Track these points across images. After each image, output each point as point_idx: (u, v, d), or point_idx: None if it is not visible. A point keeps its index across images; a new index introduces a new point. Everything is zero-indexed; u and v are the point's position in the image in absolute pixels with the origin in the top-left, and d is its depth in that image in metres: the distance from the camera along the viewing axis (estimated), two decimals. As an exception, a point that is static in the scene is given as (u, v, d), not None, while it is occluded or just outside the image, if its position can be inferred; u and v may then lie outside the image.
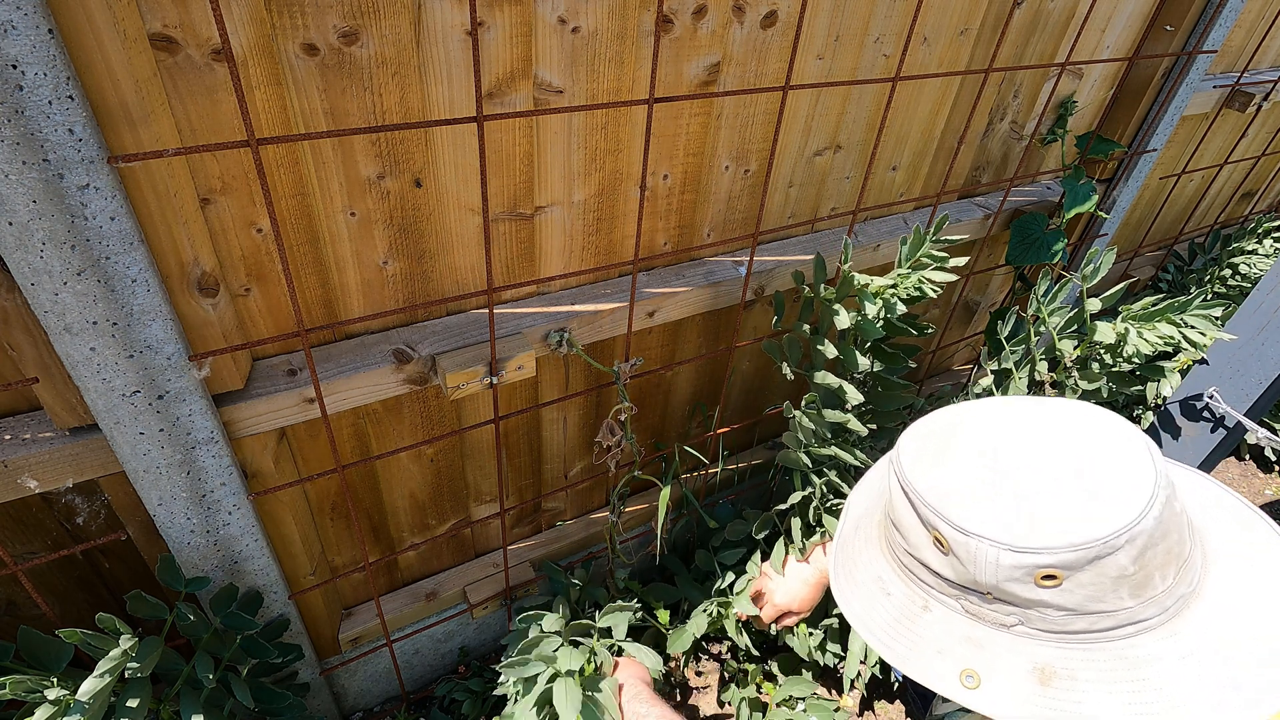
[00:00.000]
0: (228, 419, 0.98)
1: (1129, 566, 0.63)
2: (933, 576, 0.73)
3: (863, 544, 0.84)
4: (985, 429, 0.73)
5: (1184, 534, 0.67)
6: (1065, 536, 0.63)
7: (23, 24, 0.61)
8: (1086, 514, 0.64)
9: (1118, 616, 0.66)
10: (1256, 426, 1.62)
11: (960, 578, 0.69)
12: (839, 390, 1.39)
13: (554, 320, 1.20)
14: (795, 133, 1.35)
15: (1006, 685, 0.68)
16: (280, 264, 0.92)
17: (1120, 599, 0.65)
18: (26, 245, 0.71)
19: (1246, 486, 2.52)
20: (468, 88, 0.97)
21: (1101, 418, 0.71)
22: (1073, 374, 1.53)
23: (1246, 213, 3.15)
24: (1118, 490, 0.64)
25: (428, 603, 1.52)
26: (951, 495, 0.69)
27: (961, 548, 0.67)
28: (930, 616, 0.73)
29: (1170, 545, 0.65)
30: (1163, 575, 0.65)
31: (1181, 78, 1.71)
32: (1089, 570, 0.63)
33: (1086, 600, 0.65)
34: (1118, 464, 0.66)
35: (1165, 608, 0.66)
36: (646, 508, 1.75)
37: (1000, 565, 0.65)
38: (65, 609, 1.17)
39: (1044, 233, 1.75)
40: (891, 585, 0.78)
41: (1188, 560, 0.68)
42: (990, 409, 0.76)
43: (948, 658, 0.71)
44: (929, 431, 0.76)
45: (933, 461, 0.72)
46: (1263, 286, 1.56)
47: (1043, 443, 0.70)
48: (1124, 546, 0.62)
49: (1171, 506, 0.65)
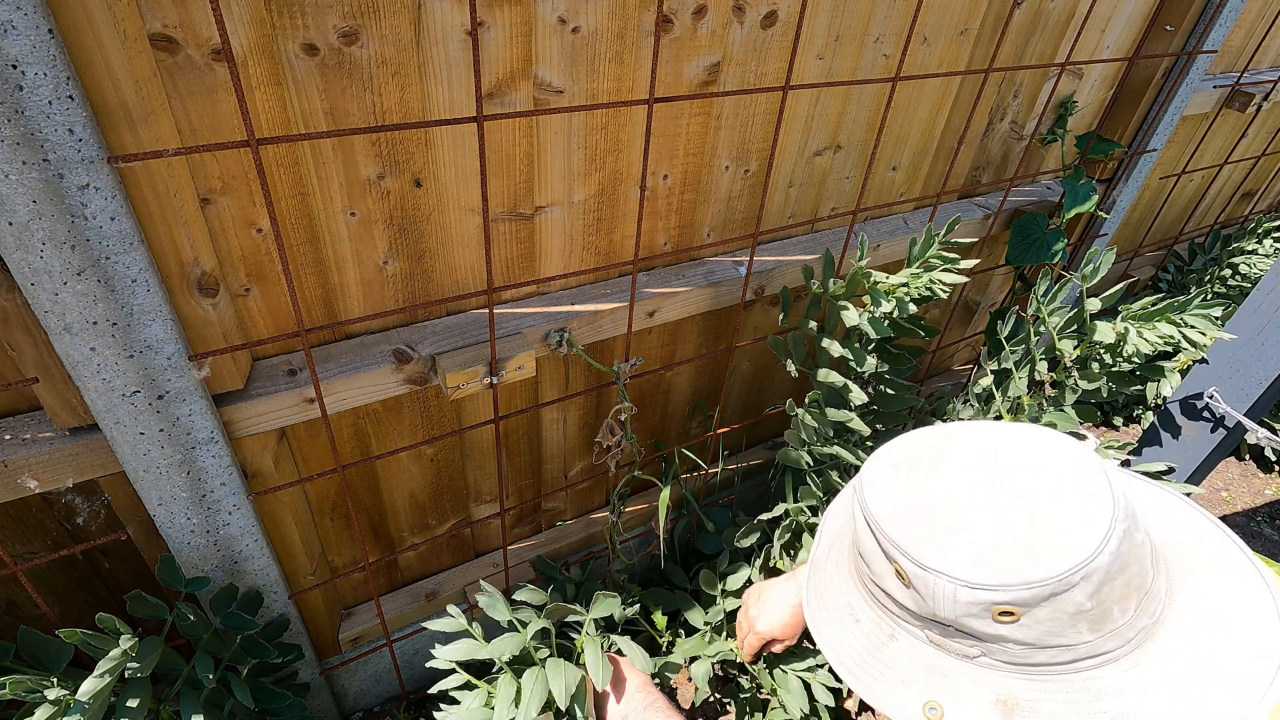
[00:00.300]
0: (228, 419, 0.98)
1: (1085, 602, 0.63)
2: (897, 606, 0.72)
3: (834, 568, 0.84)
4: (946, 460, 0.73)
5: (1145, 565, 0.67)
6: (1020, 574, 0.63)
7: (23, 24, 0.61)
8: (1041, 551, 0.63)
9: (1078, 650, 0.66)
10: (1256, 426, 1.62)
11: (921, 610, 0.69)
12: (843, 389, 1.39)
13: (554, 320, 1.20)
14: (795, 133, 1.35)
15: (970, 716, 0.68)
16: (280, 264, 0.92)
17: (1079, 633, 0.65)
18: (26, 245, 0.71)
19: (1246, 486, 2.52)
20: (468, 88, 0.97)
21: (1060, 448, 0.70)
22: (1073, 374, 1.53)
23: (1246, 213, 3.15)
24: (1073, 526, 0.64)
25: (428, 603, 1.52)
26: (911, 529, 0.68)
27: (921, 582, 0.67)
28: (897, 645, 0.73)
29: (1129, 578, 0.65)
30: (1122, 609, 0.65)
31: (1181, 78, 1.71)
32: (1045, 607, 0.63)
33: (1045, 635, 0.65)
34: (1074, 498, 0.66)
35: (1127, 640, 0.66)
36: (646, 508, 1.75)
37: (958, 601, 0.65)
38: (65, 609, 1.17)
39: (1044, 233, 1.75)
40: (860, 612, 0.78)
41: (1150, 591, 0.67)
42: (953, 438, 0.75)
43: (912, 687, 0.71)
44: (892, 461, 0.76)
45: (894, 492, 0.72)
46: (1263, 286, 1.56)
47: (1001, 475, 0.70)
48: (1079, 583, 0.62)
49: (1131, 538, 0.65)
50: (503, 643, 1.16)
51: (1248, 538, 2.32)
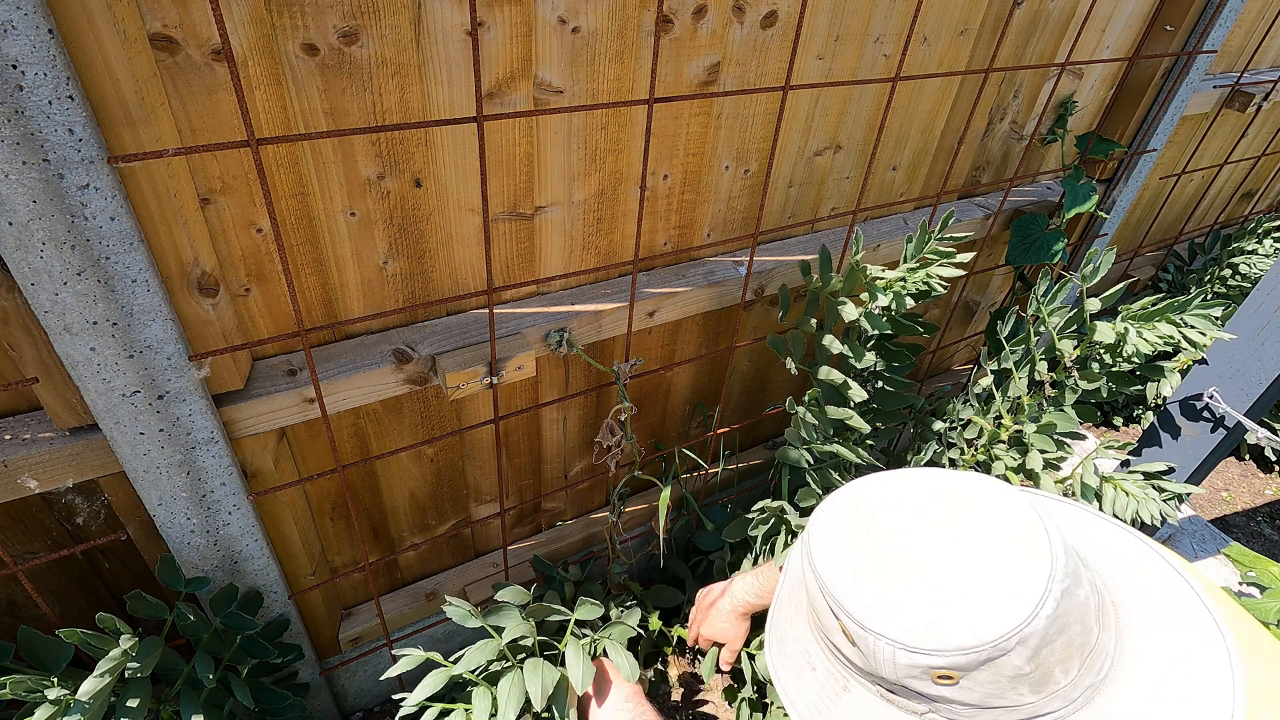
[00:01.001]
0: (228, 419, 0.98)
1: (1024, 666, 0.62)
2: (847, 661, 0.73)
3: (794, 612, 0.83)
4: (888, 516, 0.73)
5: (1089, 623, 0.66)
6: (955, 639, 0.62)
7: (23, 24, 0.61)
8: (976, 615, 0.63)
9: (1023, 710, 0.65)
10: (1256, 426, 1.62)
11: (867, 667, 0.69)
12: (842, 386, 1.39)
13: (554, 320, 1.20)
14: (795, 133, 1.35)
15: None
16: (280, 264, 0.92)
17: (1020, 695, 0.64)
18: (26, 245, 0.71)
19: (1246, 486, 2.53)
20: (468, 88, 0.97)
21: (1001, 504, 0.70)
22: (1073, 374, 1.53)
23: (1246, 213, 3.15)
24: (1010, 588, 0.63)
25: (428, 603, 1.52)
26: (852, 588, 0.68)
27: (862, 642, 0.67)
28: (850, 698, 0.73)
29: (1070, 638, 0.64)
30: (1064, 669, 0.64)
31: (1181, 78, 1.71)
32: (983, 670, 0.63)
33: (986, 697, 0.64)
34: (1013, 558, 0.65)
35: (1071, 699, 0.65)
36: (646, 507, 1.75)
37: (897, 663, 0.65)
38: (65, 609, 1.17)
39: (1044, 233, 1.75)
40: (816, 661, 0.78)
41: (1095, 649, 0.66)
42: (897, 491, 0.75)
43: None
44: (837, 515, 0.75)
45: (838, 548, 0.72)
46: (1263, 286, 1.56)
47: (939, 534, 0.69)
48: (1015, 648, 0.61)
49: (1072, 597, 0.64)
50: (473, 654, 1.11)
51: (1248, 538, 2.32)
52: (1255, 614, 1.72)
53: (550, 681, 1.08)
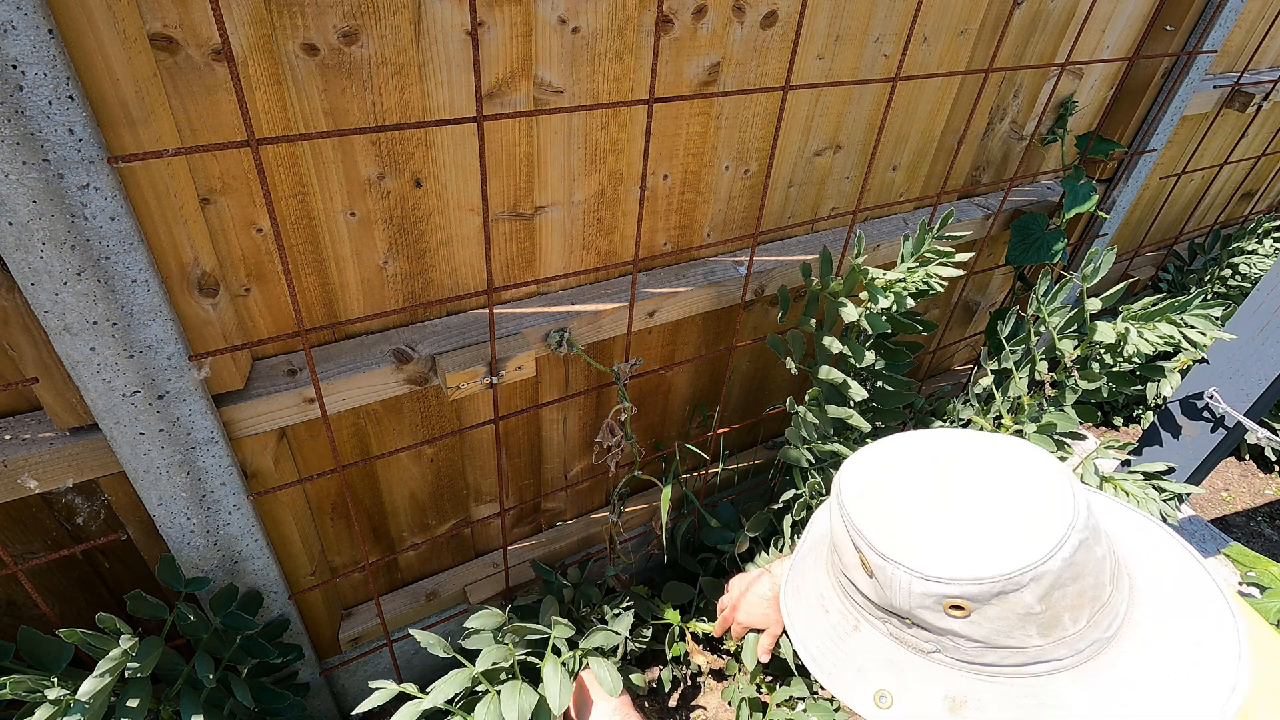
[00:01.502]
0: (228, 419, 0.98)
1: (1035, 605, 0.64)
2: (862, 597, 0.75)
3: (814, 563, 0.87)
4: (923, 461, 0.75)
5: (1103, 579, 0.67)
6: (971, 569, 0.64)
7: (23, 24, 0.61)
8: (995, 550, 0.65)
9: (1028, 654, 0.67)
10: (1256, 426, 1.62)
11: (881, 600, 0.71)
12: (843, 385, 1.39)
13: (554, 320, 1.20)
14: (795, 133, 1.35)
15: (918, 708, 0.70)
16: (280, 264, 0.92)
17: (1028, 636, 0.66)
18: (26, 245, 0.71)
19: (1246, 486, 2.52)
20: (468, 88, 0.97)
21: (1035, 459, 0.72)
22: (1073, 374, 1.53)
23: (1246, 213, 3.15)
24: (1030, 530, 0.65)
25: (428, 603, 1.52)
26: (877, 521, 0.71)
27: (880, 572, 0.69)
28: (860, 636, 0.76)
29: (1083, 588, 0.65)
30: (1074, 617, 0.66)
31: (1181, 78, 1.71)
32: (994, 605, 0.64)
33: (994, 634, 0.66)
34: (1037, 505, 0.67)
35: (1078, 650, 0.67)
36: (646, 507, 1.75)
37: (912, 592, 0.67)
38: (65, 609, 1.17)
39: (1044, 233, 1.75)
40: (830, 603, 0.80)
41: (1106, 604, 0.68)
42: (935, 441, 0.77)
43: (868, 677, 0.73)
44: (871, 457, 0.78)
45: (868, 486, 0.74)
46: (1263, 286, 1.56)
47: (970, 478, 0.72)
48: (1028, 584, 0.63)
49: (1089, 551, 0.66)
50: (444, 685, 1.10)
51: (1248, 538, 2.32)
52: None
53: (528, 706, 1.07)
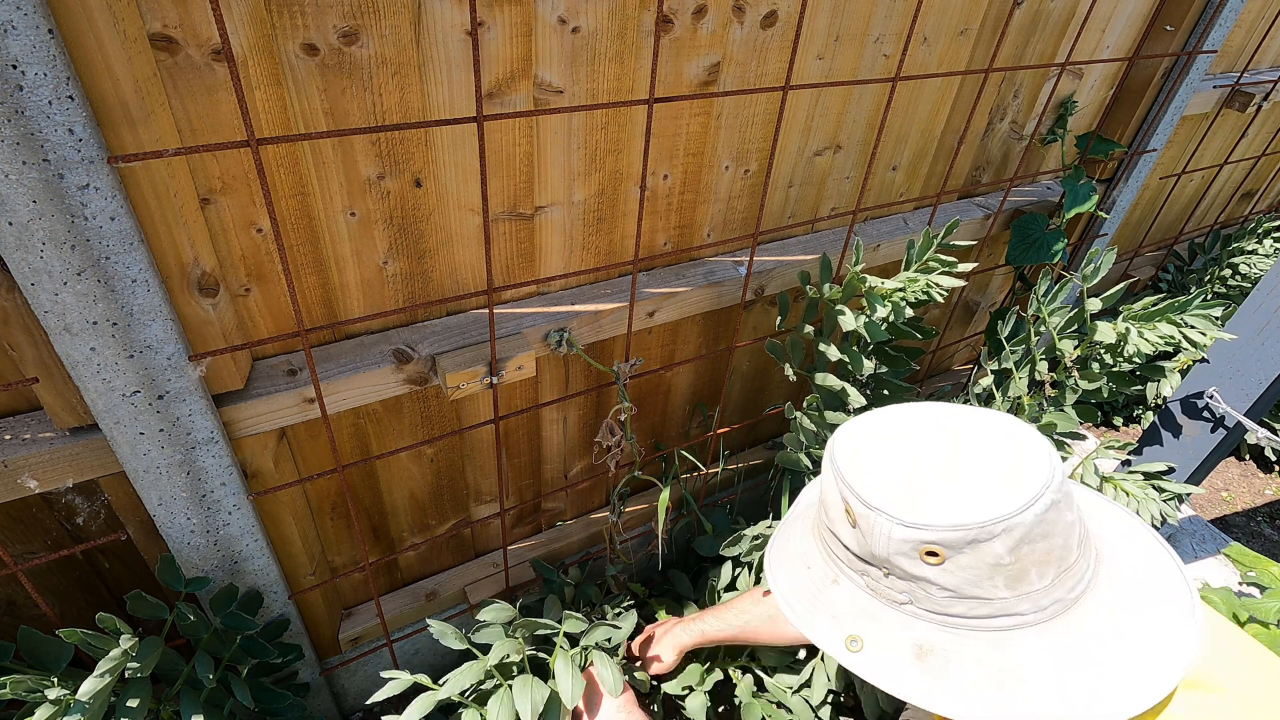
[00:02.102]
0: (228, 419, 0.98)
1: (1004, 556, 0.68)
2: (843, 550, 0.80)
3: (801, 528, 0.92)
4: (914, 424, 0.81)
5: (1070, 542, 0.72)
6: (948, 517, 0.69)
7: (23, 24, 0.61)
8: (972, 501, 0.70)
9: (994, 605, 0.71)
10: (1256, 426, 1.62)
11: (862, 550, 0.76)
12: (841, 392, 1.39)
13: (554, 320, 1.20)
14: (795, 133, 1.35)
15: (886, 654, 0.74)
16: (280, 264, 0.92)
17: (996, 587, 0.70)
18: (26, 245, 0.71)
19: (1246, 486, 2.52)
20: (468, 88, 0.97)
21: (1017, 428, 0.77)
22: (1073, 374, 1.53)
23: (1246, 213, 3.15)
24: (1006, 487, 0.70)
25: (428, 603, 1.52)
26: (866, 473, 0.76)
27: (864, 520, 0.74)
28: (837, 589, 0.81)
29: (1051, 547, 0.70)
30: (1040, 573, 0.70)
31: (1181, 78, 1.71)
32: (967, 552, 0.69)
33: (964, 583, 0.70)
34: (1015, 467, 0.72)
35: (1042, 607, 0.71)
36: (646, 507, 1.75)
37: (892, 538, 0.71)
38: (65, 609, 1.17)
39: (1044, 233, 1.75)
40: (812, 560, 0.86)
41: (1071, 567, 0.72)
42: (927, 409, 0.83)
43: (840, 623, 0.78)
44: (867, 421, 0.84)
45: (861, 445, 0.80)
46: (1263, 286, 1.56)
47: (956, 441, 0.77)
48: (1000, 535, 0.67)
49: (1060, 513, 0.70)
50: (458, 677, 1.11)
51: (1248, 538, 2.32)
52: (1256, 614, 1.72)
53: (540, 699, 1.08)
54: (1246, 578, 2.00)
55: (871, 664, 0.74)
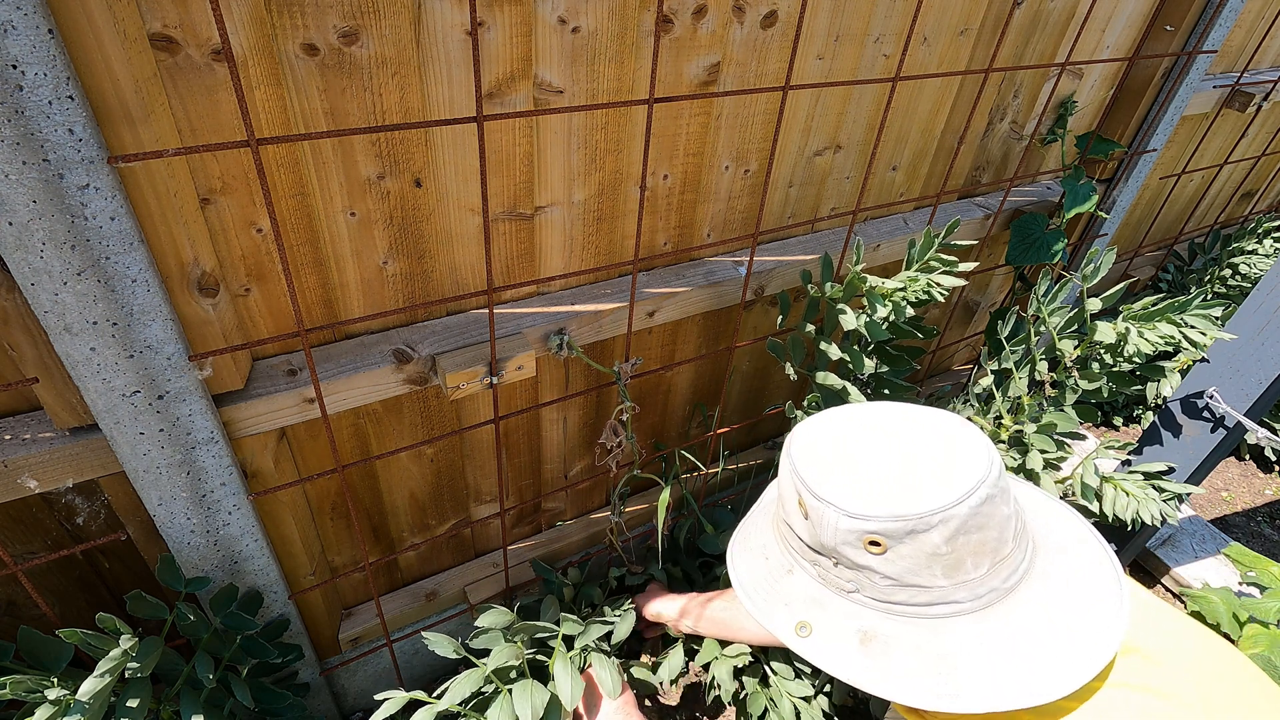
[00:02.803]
0: (228, 419, 0.98)
1: (942, 545, 0.72)
2: (797, 541, 0.84)
3: (763, 522, 0.97)
4: (864, 422, 0.85)
5: (1006, 535, 0.76)
6: (889, 508, 0.74)
7: (23, 24, 0.61)
8: (911, 494, 0.74)
9: (933, 593, 0.75)
10: (1256, 426, 1.62)
11: (813, 540, 0.80)
12: (841, 391, 1.39)
13: (554, 320, 1.20)
14: (795, 133, 1.35)
15: (832, 640, 0.79)
16: (280, 264, 0.92)
17: (934, 576, 0.74)
18: (26, 245, 0.71)
19: (1246, 486, 2.52)
20: (468, 88, 0.97)
21: (960, 429, 0.81)
22: (1073, 374, 1.53)
23: (1246, 213, 3.15)
24: (945, 481, 0.74)
25: (428, 603, 1.52)
26: (817, 467, 0.80)
27: (814, 511, 0.78)
28: (791, 579, 0.86)
29: (986, 538, 0.74)
30: (975, 563, 0.74)
31: (1181, 78, 1.71)
32: (907, 542, 0.73)
33: (905, 571, 0.75)
34: (955, 463, 0.76)
35: (978, 595, 0.76)
36: (646, 507, 1.75)
37: (838, 529, 0.76)
38: (65, 609, 1.17)
39: (1044, 233, 1.75)
40: (770, 551, 0.91)
41: (1006, 558, 0.76)
42: (873, 410, 0.88)
43: (792, 610, 0.83)
44: (820, 421, 0.88)
45: (815, 442, 0.84)
46: (1263, 286, 1.56)
47: (900, 438, 0.81)
48: (937, 525, 0.72)
49: (996, 506, 0.74)
50: (458, 686, 1.12)
51: (1248, 538, 2.32)
52: (1256, 614, 1.72)
53: (540, 703, 1.08)
54: (1246, 578, 2.00)
55: (819, 649, 0.79)
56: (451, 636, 1.64)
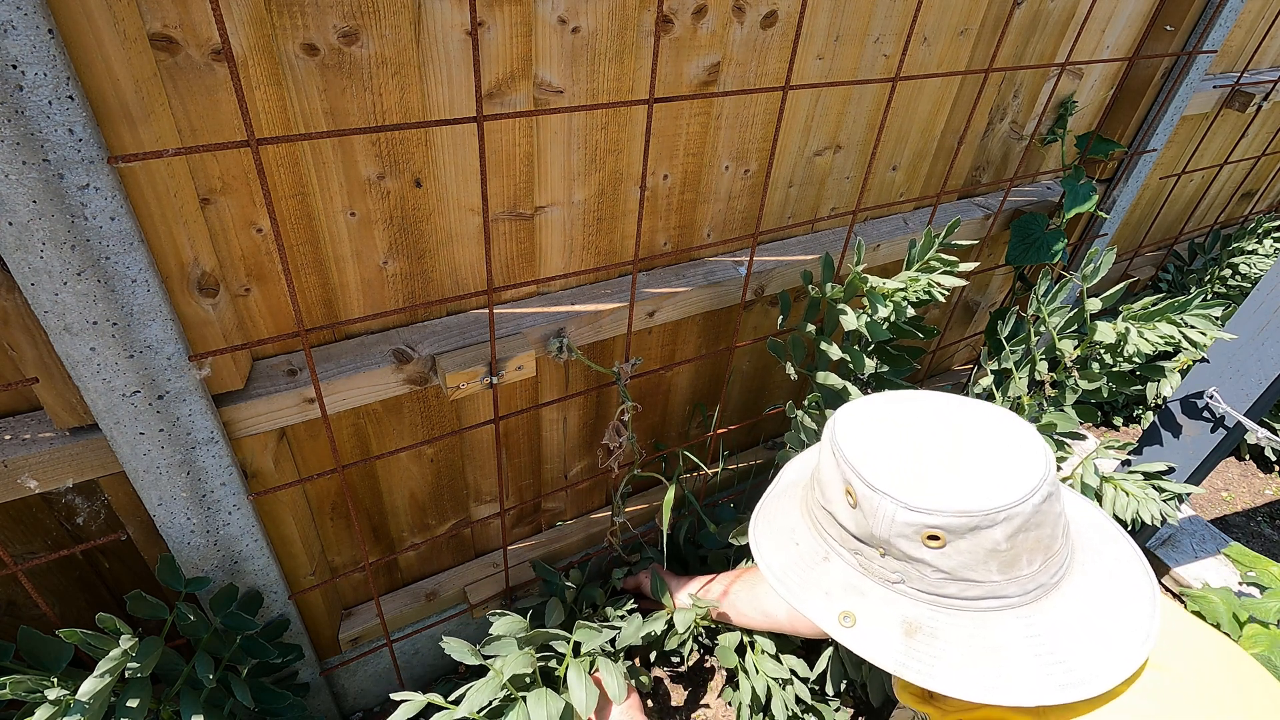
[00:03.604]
0: (228, 419, 0.98)
1: (1002, 542, 0.72)
2: (838, 529, 0.82)
3: (787, 503, 0.95)
4: (915, 412, 0.84)
5: (1057, 532, 0.76)
6: (954, 504, 0.72)
7: (23, 24, 0.61)
8: (977, 490, 0.73)
9: (984, 588, 0.75)
10: (1256, 426, 1.62)
11: (860, 531, 0.78)
12: (842, 391, 1.39)
13: (554, 320, 1.20)
14: (795, 133, 1.35)
15: (877, 630, 0.78)
16: (280, 264, 0.92)
17: (989, 571, 0.74)
18: (26, 245, 0.71)
19: (1246, 486, 2.52)
20: (468, 88, 0.97)
21: (1015, 423, 0.81)
22: (1073, 374, 1.53)
23: (1246, 213, 3.15)
24: (1007, 478, 0.74)
25: (428, 603, 1.52)
26: (870, 457, 0.78)
27: (866, 502, 0.76)
28: (828, 566, 0.84)
29: (1042, 535, 0.74)
30: (1029, 559, 0.74)
31: (1181, 78, 1.71)
32: (968, 538, 0.72)
33: (961, 566, 0.73)
34: (1015, 459, 0.76)
35: (1027, 590, 0.75)
36: (647, 507, 1.75)
37: (895, 521, 0.74)
38: (65, 609, 1.17)
39: (1044, 233, 1.75)
40: (801, 536, 0.88)
41: (1055, 554, 0.77)
42: (926, 398, 0.86)
43: (833, 599, 0.81)
44: (868, 406, 0.86)
45: (864, 429, 0.82)
46: (1263, 286, 1.56)
47: (957, 431, 0.80)
48: (1001, 523, 0.71)
49: (1052, 505, 0.74)
50: (475, 695, 1.12)
51: (1248, 538, 2.32)
52: (1256, 614, 1.72)
53: (555, 712, 1.08)
54: (1246, 578, 2.00)
55: (864, 639, 0.78)
56: (452, 636, 1.65)
